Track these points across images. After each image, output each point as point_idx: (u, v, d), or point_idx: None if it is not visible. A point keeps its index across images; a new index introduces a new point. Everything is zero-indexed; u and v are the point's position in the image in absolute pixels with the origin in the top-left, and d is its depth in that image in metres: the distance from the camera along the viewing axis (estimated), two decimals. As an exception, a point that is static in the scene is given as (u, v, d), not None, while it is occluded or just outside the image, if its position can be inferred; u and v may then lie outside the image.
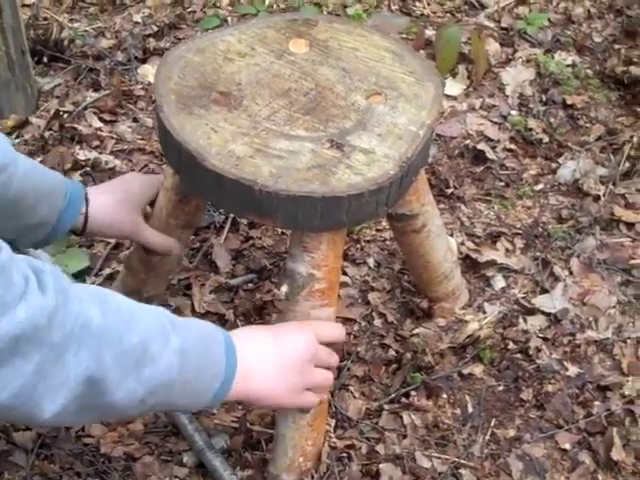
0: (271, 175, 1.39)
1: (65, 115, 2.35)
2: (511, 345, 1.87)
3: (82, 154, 2.21)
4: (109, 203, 1.56)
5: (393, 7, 2.79)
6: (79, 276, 1.95)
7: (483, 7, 2.80)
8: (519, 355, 1.85)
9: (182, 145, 1.43)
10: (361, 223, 1.84)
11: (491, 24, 2.70)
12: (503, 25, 2.71)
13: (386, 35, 1.69)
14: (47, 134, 2.27)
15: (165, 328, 1.14)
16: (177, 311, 1.92)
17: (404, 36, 2.66)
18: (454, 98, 2.48)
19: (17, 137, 2.34)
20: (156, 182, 1.65)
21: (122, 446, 1.68)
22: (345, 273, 2.02)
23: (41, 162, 2.22)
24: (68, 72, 2.51)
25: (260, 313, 1.93)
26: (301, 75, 1.58)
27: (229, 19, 2.65)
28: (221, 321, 1.92)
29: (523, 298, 1.97)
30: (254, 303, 1.94)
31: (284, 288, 1.52)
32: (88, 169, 2.19)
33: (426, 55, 2.59)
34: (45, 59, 2.57)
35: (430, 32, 2.60)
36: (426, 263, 1.84)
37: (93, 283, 1.95)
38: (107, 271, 1.98)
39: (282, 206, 1.39)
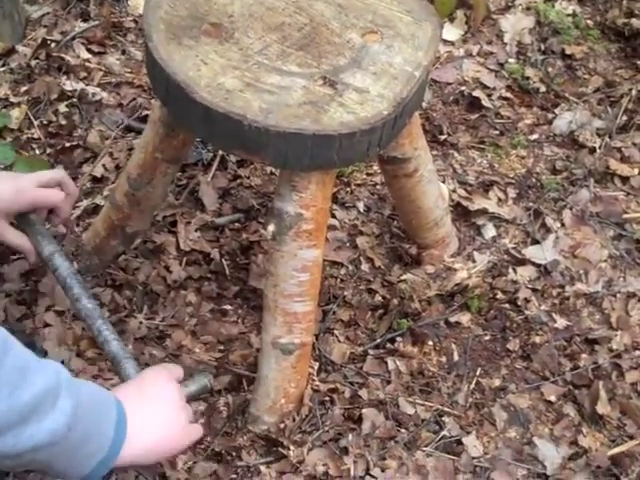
0: (261, 110, 1.35)
1: (52, 45, 2.28)
2: (500, 295, 1.84)
3: (69, 84, 2.15)
4: None
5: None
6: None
7: (484, -49, 2.74)
8: (507, 305, 1.83)
9: (170, 76, 1.38)
10: (352, 163, 1.79)
11: (492, -31, 2.64)
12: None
13: (384, -28, 1.64)
14: (33, 63, 2.21)
15: (58, 388, 1.06)
16: (162, 247, 1.89)
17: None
18: (451, 43, 2.43)
19: (3, 65, 2.28)
20: (30, 200, 1.52)
21: (102, 380, 1.65)
22: (334, 216, 1.99)
23: (27, 91, 2.18)
24: (57, 1, 2.44)
25: (246, 253, 1.90)
26: (295, 9, 1.53)
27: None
28: (206, 260, 1.89)
29: (513, 248, 1.94)
30: (240, 243, 1.91)
31: (271, 227, 1.49)
32: (74, 100, 2.14)
33: (425, -2, 2.54)
34: (34, -13, 2.50)
35: (429, -25, 2.54)
36: (417, 209, 1.81)
37: (70, 216, 1.91)
38: (84, 203, 1.93)
39: (272, 143, 1.35)
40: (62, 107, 2.12)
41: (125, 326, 1.76)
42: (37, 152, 2.05)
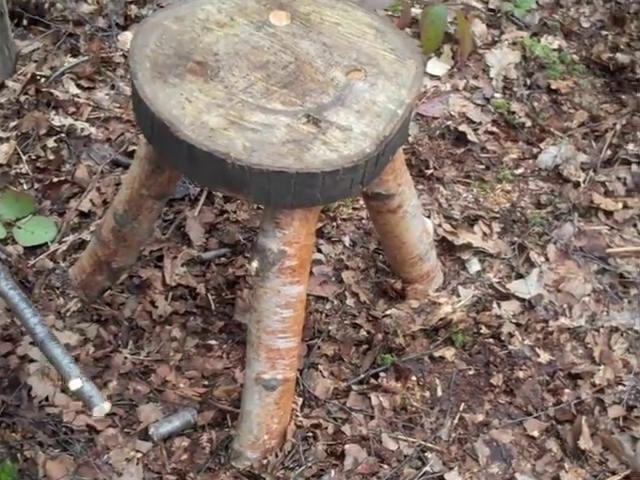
0: (244, 149, 1.36)
1: (42, 80, 2.30)
2: (484, 329, 1.85)
3: (57, 120, 2.16)
4: None
5: (382, -17, 2.75)
6: (35, 248, 1.95)
7: (472, -13, 2.77)
8: (491, 340, 1.84)
9: (155, 114, 1.40)
10: (335, 201, 1.81)
11: (479, 5, 2.67)
12: (490, 6, 2.67)
13: (369, 11, 1.66)
14: (23, 98, 2.22)
15: None
16: (148, 282, 1.90)
17: (390, 13, 2.62)
18: (438, 78, 2.45)
19: (-6, 99, 2.30)
20: None
21: (85, 416, 1.65)
22: (320, 250, 2.00)
23: (16, 126, 2.19)
24: (48, 36, 2.46)
25: (232, 288, 1.91)
26: (281, 48, 1.55)
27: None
28: (192, 294, 1.90)
29: (498, 283, 1.96)
30: (226, 278, 1.92)
31: (255, 264, 1.50)
32: (63, 135, 2.15)
33: (412, 34, 2.57)
34: (25, 22, 2.52)
35: (416, 10, 2.56)
36: (401, 244, 1.82)
37: (56, 251, 1.93)
38: (70, 238, 1.94)
39: (255, 181, 1.36)
40: (50, 142, 2.13)
41: (110, 361, 1.77)
42: (25, 187, 2.06)
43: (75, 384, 1.41)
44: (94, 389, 1.43)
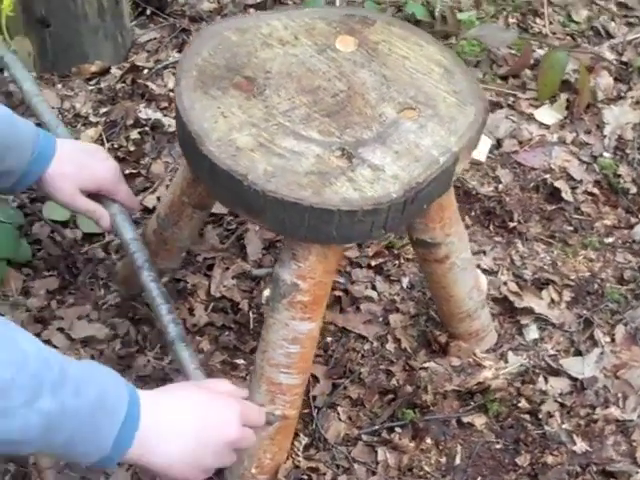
0: (265, 173, 1.30)
1: (145, 71, 2.32)
2: (523, 403, 1.72)
3: (145, 112, 2.17)
4: (65, 179, 1.54)
5: (511, 20, 2.63)
6: (92, 237, 1.95)
7: (609, 36, 2.61)
8: (528, 416, 1.71)
9: (185, 125, 1.37)
10: (353, 242, 1.72)
11: (611, 56, 2.51)
12: (624, 59, 2.50)
13: (445, 48, 1.57)
14: (119, 86, 2.25)
15: (40, 386, 1.02)
16: (193, 289, 1.87)
17: (513, 52, 2.50)
18: (546, 127, 2.31)
19: (96, 84, 2.33)
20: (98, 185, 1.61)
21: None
22: (374, 287, 1.92)
23: (106, 113, 2.21)
24: (164, 28, 2.49)
25: (273, 310, 1.85)
26: (337, 74, 1.48)
27: (337, 2, 2.55)
28: (233, 309, 1.86)
29: (552, 356, 1.81)
30: (271, 298, 1.86)
31: (266, 292, 1.45)
32: (147, 129, 2.16)
33: (531, 76, 2.44)
34: (148, 12, 2.56)
35: (541, 52, 2.44)
36: (448, 297, 1.72)
37: (111, 242, 1.93)
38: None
39: (270, 208, 1.30)
40: (134, 134, 2.14)
41: (132, 362, 1.75)
42: (100, 174, 2.07)
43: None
44: None
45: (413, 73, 1.50)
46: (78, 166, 1.55)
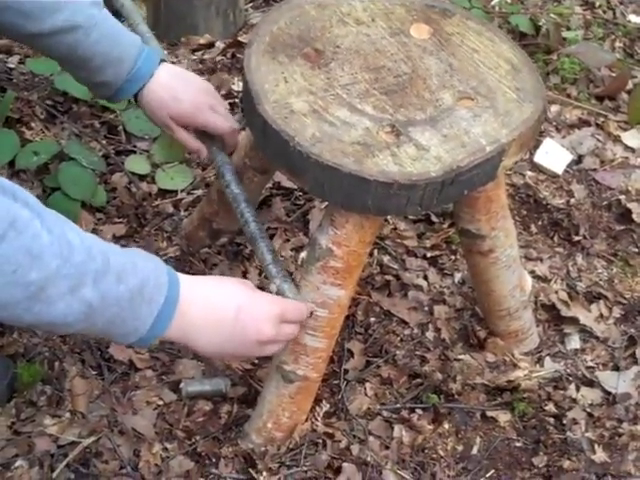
0: (312, 137, 1.37)
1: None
2: (550, 407, 1.73)
3: (238, 85, 2.27)
4: (158, 105, 1.59)
5: (617, 44, 2.62)
6: (166, 193, 2.06)
7: None
8: (552, 419, 1.71)
9: (248, 83, 1.44)
10: (388, 214, 1.75)
11: None
12: None
13: (517, 48, 1.59)
14: (219, 58, 2.35)
15: (83, 275, 1.07)
16: (250, 254, 1.94)
17: (613, 74, 2.49)
18: (631, 150, 2.30)
19: (201, 55, 2.44)
20: (203, 121, 1.65)
21: (131, 352, 1.73)
22: (426, 277, 1.95)
23: (203, 81, 2.31)
24: (273, 11, 2.57)
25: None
26: (404, 57, 1.53)
27: None
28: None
29: (590, 367, 1.82)
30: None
31: (303, 254, 1.50)
32: (237, 100, 2.25)
33: (627, 100, 2.43)
34: (267, -6, 2.67)
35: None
36: (489, 291, 1.74)
37: (182, 200, 2.03)
38: (199, 192, 2.04)
39: (311, 170, 1.36)
40: (225, 104, 2.23)
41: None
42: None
43: (272, 288, 1.45)
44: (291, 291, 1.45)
45: (479, 66, 1.54)
46: (172, 97, 1.60)
